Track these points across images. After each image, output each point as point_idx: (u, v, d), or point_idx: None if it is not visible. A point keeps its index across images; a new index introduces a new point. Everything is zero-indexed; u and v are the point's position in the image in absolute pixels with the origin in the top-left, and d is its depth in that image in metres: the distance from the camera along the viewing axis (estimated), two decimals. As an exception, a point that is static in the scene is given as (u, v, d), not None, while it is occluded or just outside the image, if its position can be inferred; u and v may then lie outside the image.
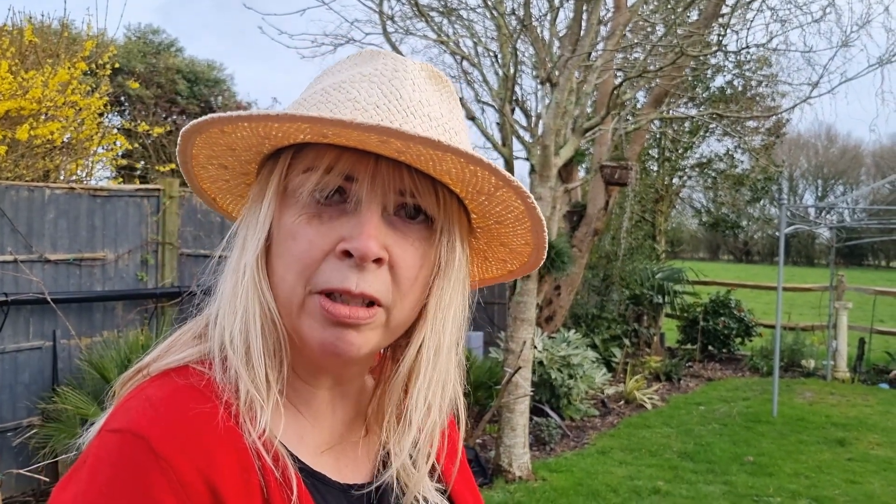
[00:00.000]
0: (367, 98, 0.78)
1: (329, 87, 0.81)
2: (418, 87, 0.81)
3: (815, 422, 7.89)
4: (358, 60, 0.85)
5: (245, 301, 0.79)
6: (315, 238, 0.77)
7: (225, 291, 0.82)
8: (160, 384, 0.76)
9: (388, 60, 0.83)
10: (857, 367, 10.54)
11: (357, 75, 0.81)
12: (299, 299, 0.78)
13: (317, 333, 0.77)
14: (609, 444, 6.95)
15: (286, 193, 0.81)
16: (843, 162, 50.78)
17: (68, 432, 4.95)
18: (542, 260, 0.93)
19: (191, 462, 0.69)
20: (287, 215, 0.79)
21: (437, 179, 0.80)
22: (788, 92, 13.39)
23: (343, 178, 0.77)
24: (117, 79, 9.21)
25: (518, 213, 0.85)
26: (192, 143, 0.85)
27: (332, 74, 0.85)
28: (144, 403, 0.73)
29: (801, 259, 47.43)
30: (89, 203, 5.62)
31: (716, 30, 7.56)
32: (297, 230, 0.78)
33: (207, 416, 0.73)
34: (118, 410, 0.74)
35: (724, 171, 16.58)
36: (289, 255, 0.78)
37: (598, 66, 6.17)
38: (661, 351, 11.13)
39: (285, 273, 0.78)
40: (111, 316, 5.78)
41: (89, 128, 6.57)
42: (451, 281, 0.84)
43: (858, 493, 5.79)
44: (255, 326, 0.78)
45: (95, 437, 0.73)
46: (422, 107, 0.80)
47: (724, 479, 6.04)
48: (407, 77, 0.81)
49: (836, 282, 10.86)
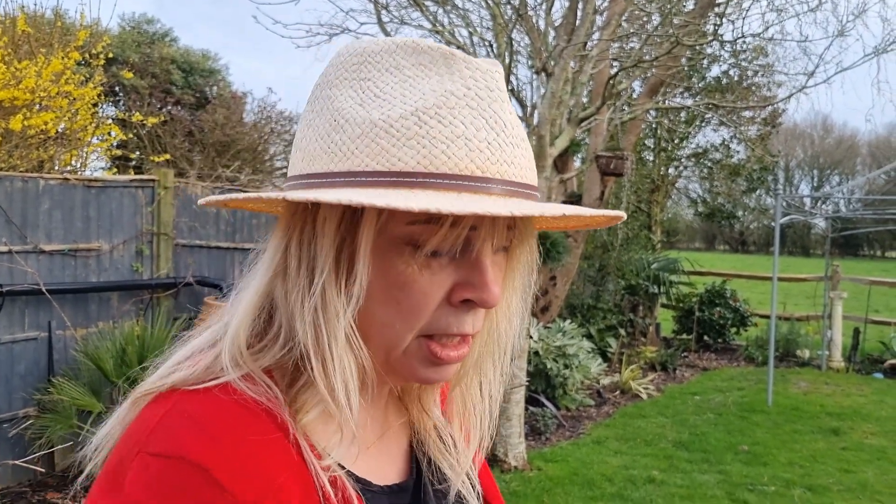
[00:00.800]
0: (476, 133, 0.71)
1: (422, 114, 0.71)
2: (508, 105, 0.76)
3: (810, 411, 7.92)
4: (426, 61, 0.75)
5: (341, 358, 0.73)
6: (429, 289, 0.73)
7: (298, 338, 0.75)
8: (201, 399, 0.71)
9: (475, 72, 0.75)
10: (851, 357, 10.57)
11: (450, 97, 0.72)
12: (405, 344, 0.75)
13: (419, 373, 0.77)
14: (604, 433, 6.97)
15: (384, 239, 0.73)
16: (840, 152, 50.85)
17: (64, 423, 4.95)
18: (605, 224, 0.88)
19: (257, 495, 0.65)
20: (391, 264, 0.73)
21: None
22: (784, 82, 13.40)
23: (469, 229, 0.72)
24: (112, 69, 9.18)
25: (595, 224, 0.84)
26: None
27: (402, 80, 0.74)
28: (189, 423, 0.68)
29: (796, 249, 47.53)
30: (84, 194, 5.60)
31: (712, 19, 7.55)
32: (408, 281, 0.73)
33: (265, 439, 0.69)
34: (157, 428, 0.68)
35: (719, 161, 16.59)
36: (399, 306, 0.74)
37: (593, 56, 6.16)
38: (656, 341, 11.16)
39: (392, 322, 0.74)
40: (106, 307, 5.78)
41: (83, 118, 6.54)
42: (521, 286, 0.85)
43: (852, 482, 5.82)
44: (355, 379, 0.74)
45: (135, 458, 0.67)
46: (518, 131, 0.75)
47: (719, 469, 6.07)
48: (502, 97, 0.75)
49: (832, 272, 10.89)
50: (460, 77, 0.73)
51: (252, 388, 0.72)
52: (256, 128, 10.91)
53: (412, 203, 0.64)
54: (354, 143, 0.71)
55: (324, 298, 0.73)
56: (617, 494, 5.44)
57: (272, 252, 0.78)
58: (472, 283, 0.73)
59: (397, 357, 0.76)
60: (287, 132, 11.32)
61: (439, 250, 0.72)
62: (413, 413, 0.92)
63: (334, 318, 0.72)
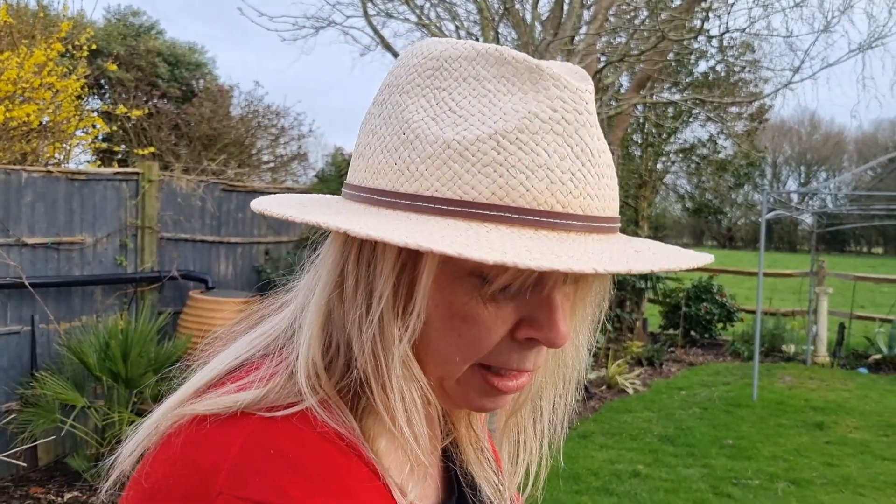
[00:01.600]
0: (560, 163, 0.65)
1: (503, 138, 0.65)
2: (598, 130, 0.70)
3: (795, 406, 7.96)
4: (509, 74, 0.69)
5: (400, 385, 0.69)
6: (493, 324, 0.69)
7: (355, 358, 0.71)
8: (284, 433, 0.65)
9: (563, 91, 0.68)
10: (836, 352, 10.64)
11: (534, 120, 0.66)
12: (461, 372, 0.72)
13: (477, 401, 0.74)
14: (590, 428, 6.99)
15: (449, 268, 0.68)
16: (827, 148, 51.14)
17: (47, 417, 4.92)
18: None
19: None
20: (454, 294, 0.68)
21: None
22: (770, 77, 13.44)
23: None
24: (96, 61, 9.11)
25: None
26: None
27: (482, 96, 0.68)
28: (281, 463, 0.62)
29: (783, 245, 47.79)
30: (67, 186, 5.56)
31: (698, 14, 7.56)
32: (472, 314, 0.68)
33: (366, 486, 0.66)
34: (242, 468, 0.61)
35: (707, 157, 16.63)
36: (459, 339, 0.69)
37: (580, 50, 6.15)
38: (643, 336, 11.19)
39: (452, 352, 0.70)
40: (90, 300, 5.74)
41: (67, 110, 6.49)
42: (590, 317, 0.82)
43: (836, 476, 5.85)
44: (418, 408, 0.70)
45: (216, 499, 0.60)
46: (604, 158, 0.70)
47: (704, 463, 6.09)
48: (591, 122, 0.69)
49: (817, 267, 10.94)
50: (546, 97, 0.67)
51: (330, 418, 0.68)
52: (243, 121, 10.85)
53: (485, 254, 0.59)
54: (424, 164, 0.66)
55: (381, 325, 0.68)
56: (602, 488, 5.46)
57: (330, 267, 0.73)
58: (540, 322, 0.69)
59: (451, 385, 0.73)
60: (274, 126, 11.28)
61: (510, 287, 0.68)
62: (461, 432, 0.89)
63: (392, 344, 0.68)
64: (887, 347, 10.48)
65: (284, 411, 0.66)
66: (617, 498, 5.29)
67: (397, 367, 0.68)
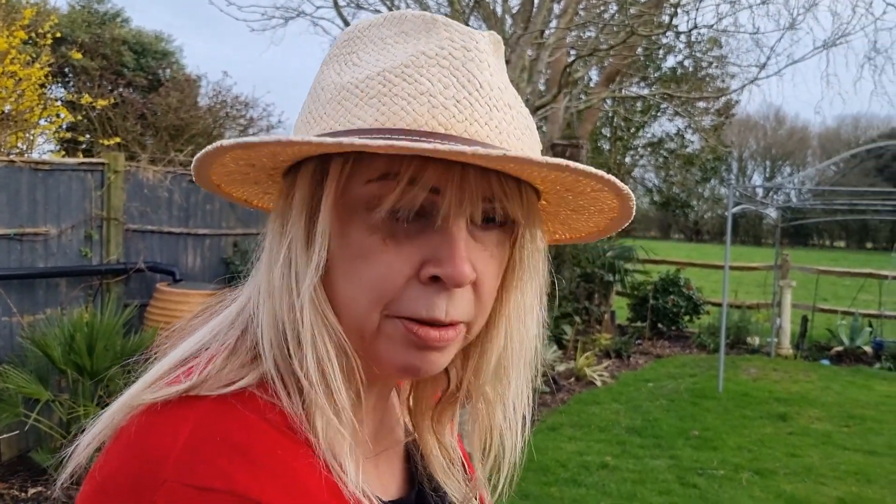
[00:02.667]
0: (444, 90, 0.67)
1: (389, 73, 0.68)
2: (492, 69, 0.70)
3: (759, 397, 8.09)
4: (408, 29, 0.72)
5: (311, 330, 0.68)
6: (394, 262, 0.67)
7: (276, 313, 0.71)
8: (228, 418, 0.65)
9: (454, 34, 0.71)
10: (799, 345, 10.82)
11: (420, 56, 0.69)
12: (374, 325, 0.69)
13: (398, 357, 0.70)
14: (559, 420, 7.03)
15: (345, 202, 0.69)
16: (791, 143, 51.90)
17: (10, 411, 4.83)
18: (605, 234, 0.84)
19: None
20: (353, 233, 0.69)
21: (522, 180, 0.71)
22: (737, 73, 13.61)
23: (428, 190, 0.66)
24: (60, 49, 8.94)
25: (606, 208, 0.77)
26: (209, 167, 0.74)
27: (381, 48, 0.72)
28: (227, 449, 0.62)
29: (748, 238, 48.46)
30: (30, 177, 5.46)
31: (667, 9, 7.62)
32: (370, 251, 0.68)
33: (311, 469, 0.65)
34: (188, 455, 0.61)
35: (674, 151, 16.81)
36: (361, 280, 0.68)
37: (550, 44, 6.17)
38: (611, 328, 11.28)
39: (356, 297, 0.69)
40: (54, 293, 5.65)
41: (30, 99, 6.37)
42: (527, 277, 0.77)
43: (798, 466, 5.96)
44: (331, 358, 0.68)
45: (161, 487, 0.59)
46: (500, 94, 0.69)
47: (671, 454, 6.17)
48: (481, 58, 0.70)
49: (781, 261, 11.11)
50: (436, 39, 0.70)
51: (274, 398, 0.68)
52: (211, 112, 10.73)
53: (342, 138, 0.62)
54: (324, 109, 0.70)
55: (294, 272, 0.70)
56: (571, 480, 5.50)
57: (268, 240, 0.75)
58: (440, 258, 0.67)
59: (373, 338, 0.70)
60: (242, 116, 11.17)
61: (398, 210, 0.67)
62: (422, 429, 0.87)
63: (301, 285, 0.69)
64: (849, 339, 10.69)
65: (224, 389, 0.66)
66: (585, 489, 5.34)
67: (307, 311, 0.68)
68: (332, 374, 0.68)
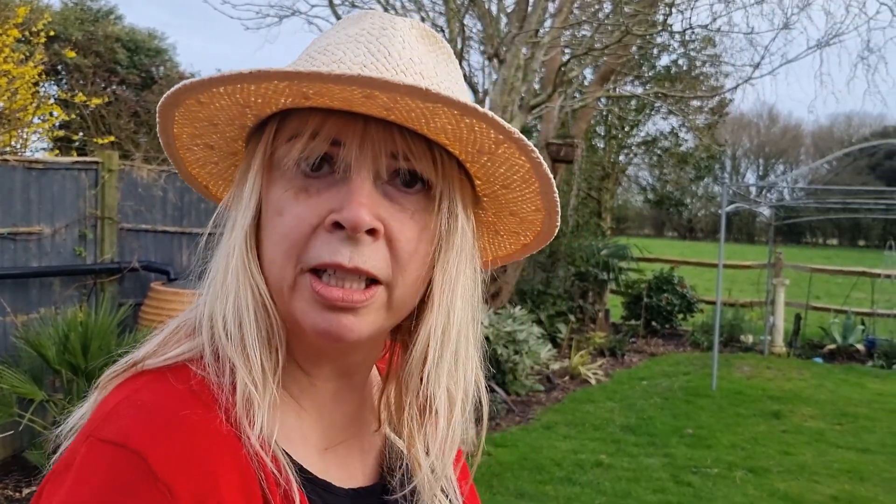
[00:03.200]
0: (353, 58, 0.72)
1: (314, 52, 0.75)
2: (409, 45, 0.75)
3: (752, 395, 8.12)
4: (346, 24, 0.80)
5: (236, 284, 0.73)
6: (303, 212, 0.71)
7: (215, 276, 0.76)
8: (155, 387, 0.70)
9: (376, 20, 0.78)
10: (792, 343, 10.86)
11: (343, 37, 0.76)
12: (290, 280, 0.72)
13: (310, 318, 0.72)
14: (554, 418, 7.05)
15: (273, 166, 0.75)
16: (784, 141, 52.01)
17: (4, 412, 4.81)
18: (555, 227, 0.86)
19: (193, 487, 0.64)
20: (274, 190, 0.74)
21: (433, 141, 0.74)
22: (731, 72, 13.64)
23: (329, 143, 0.71)
24: (53, 46, 8.91)
25: (524, 172, 0.78)
26: (172, 120, 0.78)
27: (320, 40, 0.79)
28: (139, 411, 0.67)
29: (742, 236, 48.55)
30: (24, 176, 5.44)
31: (661, 9, 7.63)
32: (284, 205, 0.72)
33: (207, 428, 0.67)
34: (110, 414, 0.68)
35: (668, 150, 16.83)
36: (276, 233, 0.72)
37: (545, 43, 6.17)
38: (605, 327, 11.30)
39: (274, 252, 0.73)
40: (48, 292, 5.63)
41: (23, 97, 6.35)
42: (455, 252, 0.77)
43: (791, 464, 5.99)
44: (249, 312, 0.73)
45: (84, 443, 0.66)
46: (413, 65, 0.73)
47: (665, 452, 6.19)
48: (396, 35, 0.75)
49: (775, 259, 11.15)
50: (362, 25, 0.77)
51: (205, 371, 0.72)
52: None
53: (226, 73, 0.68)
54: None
55: (231, 230, 0.76)
56: (566, 478, 5.52)
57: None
58: (342, 204, 0.70)
59: (290, 297, 0.72)
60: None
61: (301, 161, 0.72)
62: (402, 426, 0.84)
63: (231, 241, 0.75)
64: (841, 337, 10.73)
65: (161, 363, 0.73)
66: (580, 487, 5.35)
67: (233, 269, 0.74)
68: (249, 330, 0.72)
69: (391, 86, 0.65)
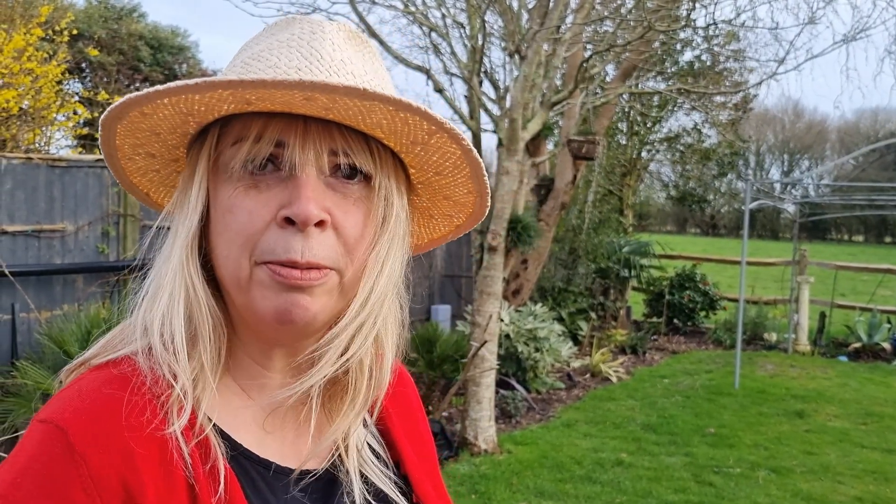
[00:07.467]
0: (288, 63, 0.76)
1: (248, 59, 0.79)
2: (338, 47, 0.80)
3: (776, 394, 8.03)
4: (274, 30, 0.83)
5: (172, 285, 0.77)
6: (254, 208, 0.75)
7: (153, 277, 0.80)
8: (94, 376, 0.76)
9: (305, 25, 0.82)
10: (817, 341, 10.73)
11: (275, 43, 0.80)
12: (246, 273, 0.76)
13: (270, 302, 0.75)
14: (574, 416, 7.02)
15: (218, 170, 0.79)
16: (809, 137, 51.38)
17: (27, 407, 4.87)
18: (486, 208, 0.91)
19: (107, 458, 0.68)
20: (222, 192, 0.77)
21: (370, 136, 0.79)
22: (756, 68, 13.47)
23: (273, 144, 0.75)
24: (77, 45, 8.99)
25: (456, 159, 0.83)
26: (115, 133, 0.80)
27: (251, 46, 0.83)
28: (74, 394, 0.73)
29: (766, 233, 48.07)
30: (48, 173, 5.49)
31: (685, 4, 7.55)
32: (234, 203, 0.76)
33: (130, 408, 0.72)
34: (53, 400, 0.74)
35: (691, 146, 16.69)
36: (229, 230, 0.76)
37: (566, 39, 6.13)
38: (626, 324, 11.24)
39: (228, 249, 0.76)
40: (71, 289, 5.69)
41: (47, 96, 6.41)
42: (388, 236, 0.81)
43: (815, 464, 5.91)
44: (179, 309, 0.76)
45: (29, 425, 0.73)
46: (344, 65, 0.78)
47: (686, 451, 6.14)
48: (325, 38, 0.80)
49: (799, 256, 11.02)
50: (291, 30, 0.81)
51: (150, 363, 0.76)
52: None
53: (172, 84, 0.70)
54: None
55: (174, 234, 0.80)
56: (586, 477, 5.49)
57: None
58: (290, 200, 0.74)
59: (247, 288, 0.76)
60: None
61: (248, 162, 0.75)
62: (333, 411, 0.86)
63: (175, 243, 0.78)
64: (867, 336, 10.59)
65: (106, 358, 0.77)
66: (600, 486, 5.33)
67: (173, 265, 0.77)
68: (177, 330, 0.76)
69: (331, 88, 0.69)
